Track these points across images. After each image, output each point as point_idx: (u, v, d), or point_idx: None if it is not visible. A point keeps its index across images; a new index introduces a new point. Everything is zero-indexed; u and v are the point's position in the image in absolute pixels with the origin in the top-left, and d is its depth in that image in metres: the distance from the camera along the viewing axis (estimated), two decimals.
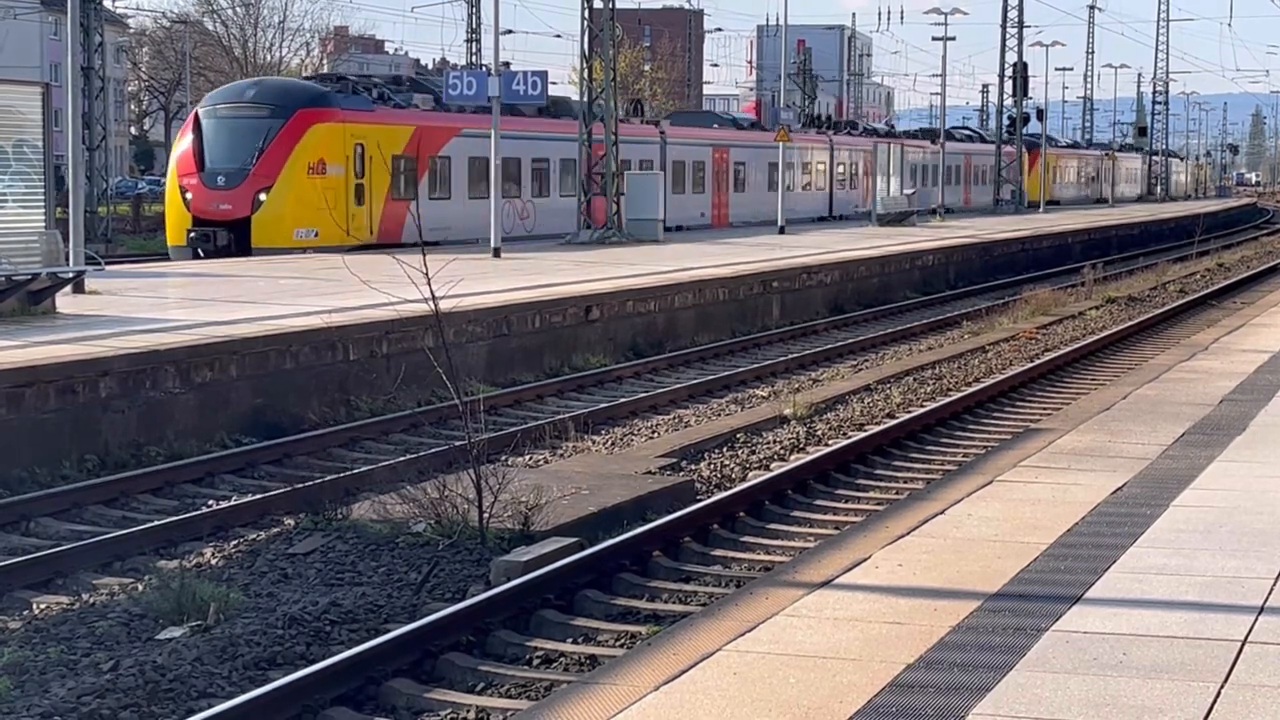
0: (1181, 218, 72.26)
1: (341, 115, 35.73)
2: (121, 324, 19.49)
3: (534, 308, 23.50)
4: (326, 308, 20.73)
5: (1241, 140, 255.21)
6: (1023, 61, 76.93)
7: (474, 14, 76.52)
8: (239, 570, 11.95)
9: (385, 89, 39.48)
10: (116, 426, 16.52)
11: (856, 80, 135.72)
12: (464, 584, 11.30)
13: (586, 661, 9.66)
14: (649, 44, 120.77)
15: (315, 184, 34.82)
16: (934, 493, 11.21)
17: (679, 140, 51.10)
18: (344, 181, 35.51)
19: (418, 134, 37.82)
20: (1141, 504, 10.37)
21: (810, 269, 33.23)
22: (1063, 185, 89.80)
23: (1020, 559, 8.91)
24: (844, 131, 68.25)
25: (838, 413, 19.05)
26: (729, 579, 11.71)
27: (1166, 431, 13.26)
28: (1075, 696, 6.62)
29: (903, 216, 55.79)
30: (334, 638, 10.18)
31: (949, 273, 41.80)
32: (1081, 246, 54.38)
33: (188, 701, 9.02)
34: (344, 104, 36.22)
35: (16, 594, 11.71)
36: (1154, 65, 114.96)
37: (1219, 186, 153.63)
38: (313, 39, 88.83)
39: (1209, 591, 8.26)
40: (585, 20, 41.37)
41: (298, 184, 34.59)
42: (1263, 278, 43.25)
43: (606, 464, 15.53)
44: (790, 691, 6.73)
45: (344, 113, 35.89)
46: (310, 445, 17.43)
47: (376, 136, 36.27)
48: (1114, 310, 32.52)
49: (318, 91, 36.74)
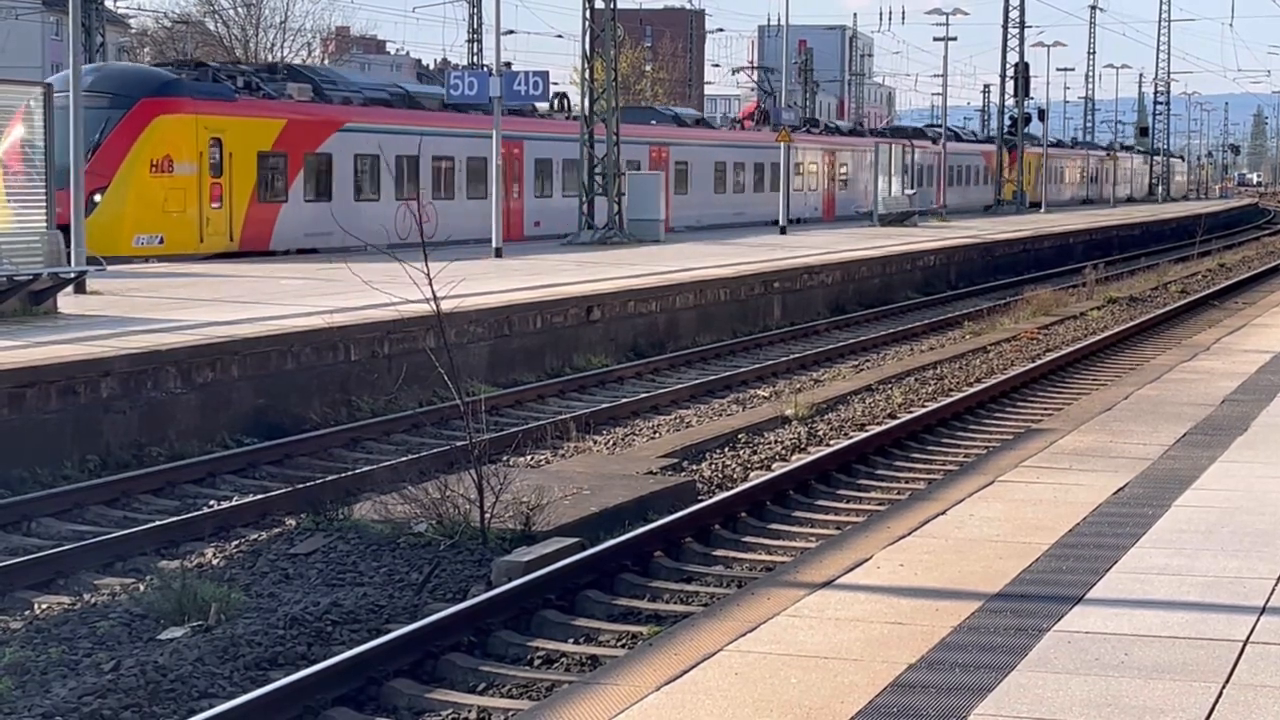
0: (1183, 218, 72.22)
1: (193, 106, 31.98)
2: (123, 324, 19.50)
3: (535, 308, 23.50)
4: (328, 308, 20.74)
5: (1243, 141, 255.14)
6: (1024, 62, 76.93)
7: (475, 14, 76.54)
8: (240, 570, 11.95)
9: (254, 77, 35.73)
10: (118, 427, 16.53)
11: (858, 80, 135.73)
12: (465, 584, 11.30)
13: (588, 662, 9.66)
14: (650, 44, 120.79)
15: (160, 184, 31.28)
16: (935, 493, 11.21)
17: (602, 139, 46.93)
18: (195, 181, 31.90)
19: (290, 128, 34.36)
20: (1143, 504, 10.37)
21: (811, 269, 33.23)
22: (1054, 186, 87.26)
23: (1022, 559, 8.90)
24: (802, 129, 63.45)
25: (839, 413, 19.05)
26: (730, 579, 11.71)
27: (1168, 432, 13.26)
28: (1077, 697, 6.61)
29: (904, 216, 55.74)
30: (335, 638, 10.18)
31: (950, 273, 41.80)
32: (1083, 247, 54.38)
33: (189, 702, 9.02)
34: (197, 93, 32.47)
35: (18, 594, 11.72)
36: (1155, 65, 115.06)
37: (1221, 188, 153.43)
38: (314, 39, 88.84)
39: (1211, 592, 8.25)
40: (587, 21, 41.36)
41: (138, 183, 31.02)
42: (1264, 278, 43.24)
43: (608, 464, 15.53)
44: (792, 692, 6.72)
45: (196, 103, 32.10)
46: (312, 445, 17.44)
47: (238, 130, 32.75)
48: (1115, 310, 32.51)
49: (165, 79, 32.82)
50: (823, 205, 61.44)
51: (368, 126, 35.71)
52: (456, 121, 39.84)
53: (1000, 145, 76.81)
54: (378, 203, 36.18)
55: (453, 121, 39.79)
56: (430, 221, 35.66)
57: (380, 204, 36.30)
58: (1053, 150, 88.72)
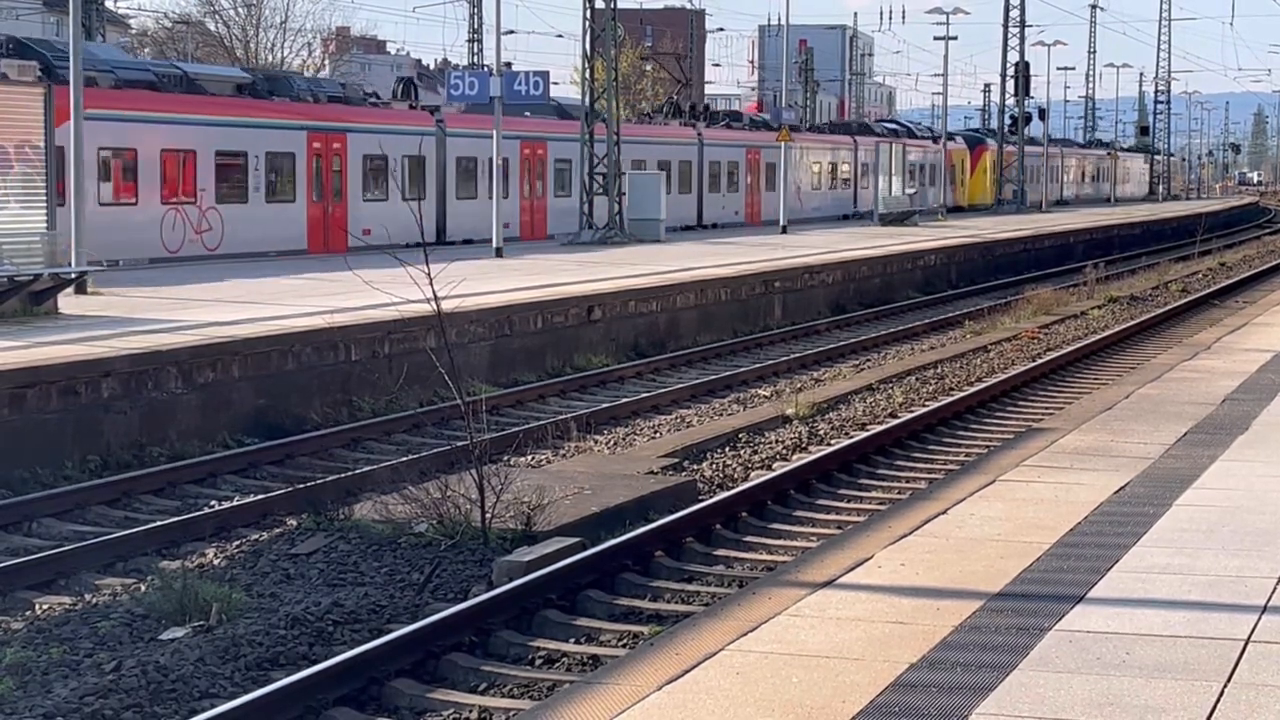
0: (1183, 217, 72.22)
1: None
2: (124, 324, 19.50)
3: (536, 308, 23.50)
4: (329, 308, 20.74)
5: (1244, 140, 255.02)
6: (1024, 61, 76.94)
7: (476, 14, 76.56)
8: (241, 570, 11.95)
9: None
10: (119, 427, 16.53)
11: (858, 80, 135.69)
12: (466, 584, 11.30)
13: (589, 661, 9.66)
14: (650, 44, 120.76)
15: None
16: (936, 492, 11.21)
17: (466, 131, 40.28)
18: None
19: None
20: (1144, 503, 10.37)
21: (812, 269, 33.22)
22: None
23: (1023, 558, 8.90)
24: (721, 124, 57.03)
25: (840, 412, 19.04)
26: (731, 579, 11.71)
27: (1169, 431, 13.26)
28: (1078, 696, 6.61)
29: (904, 216, 55.70)
30: (336, 638, 10.18)
31: (951, 272, 41.79)
32: (1083, 246, 54.36)
33: (190, 702, 9.02)
34: None
35: (19, 594, 11.72)
36: (1156, 64, 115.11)
37: (1221, 187, 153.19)
38: (314, 39, 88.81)
39: (1212, 591, 8.25)
40: (587, 20, 41.36)
41: None
42: (1264, 277, 43.23)
43: (609, 464, 15.54)
44: (793, 691, 6.72)
45: None
46: (312, 445, 17.44)
47: None
48: (1116, 310, 32.51)
49: None
50: (745, 209, 55.09)
51: (118, 114, 29.75)
52: (253, 109, 34.41)
53: (944, 143, 76.36)
54: (135, 207, 30.75)
55: (248, 109, 34.32)
56: (210, 231, 32.31)
57: (139, 208, 30.82)
58: (1051, 149, 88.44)
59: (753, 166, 55.22)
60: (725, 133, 55.67)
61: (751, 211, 55.11)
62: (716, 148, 53.32)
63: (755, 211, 55.09)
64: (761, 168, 55.45)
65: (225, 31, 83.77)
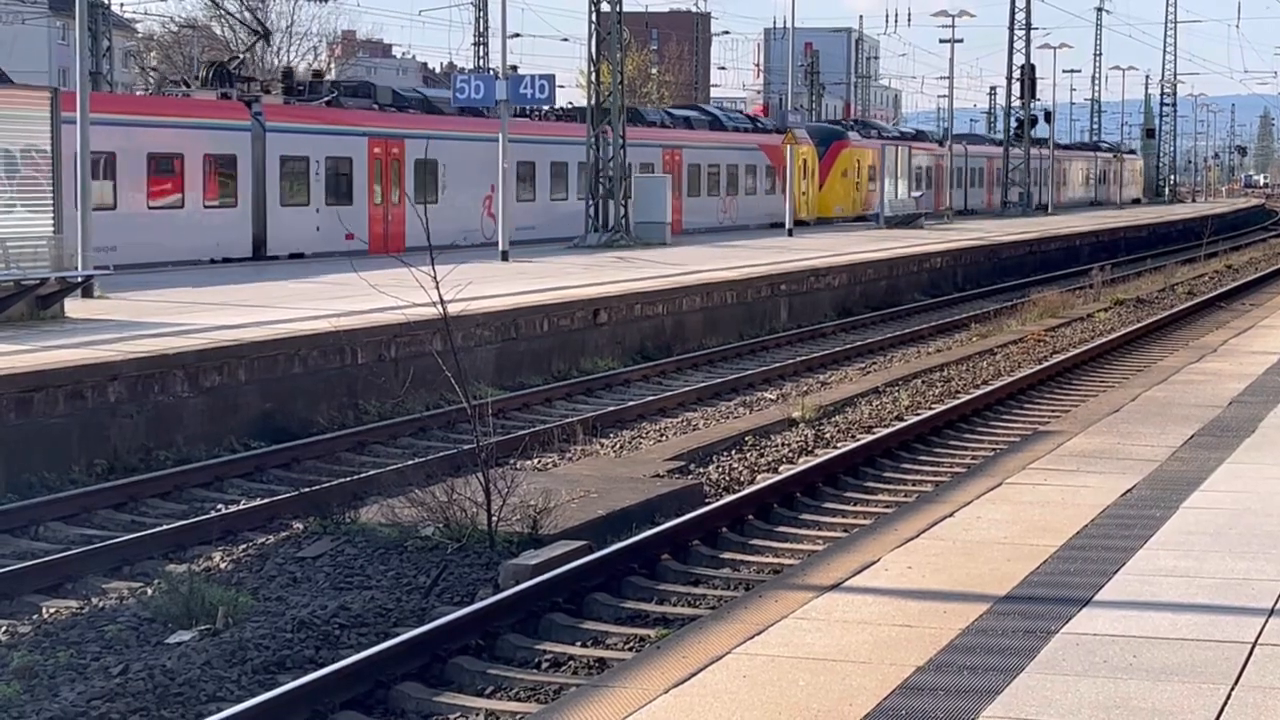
0: (1189, 219, 72.16)
1: None
2: (130, 328, 19.51)
3: (542, 311, 23.50)
4: (334, 312, 20.75)
5: (1250, 142, 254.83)
6: (1030, 64, 76.92)
7: (481, 18, 76.56)
8: (248, 574, 11.95)
9: None
10: (125, 431, 16.54)
11: (864, 83, 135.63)
12: (473, 587, 11.31)
13: (596, 664, 9.66)
14: (656, 47, 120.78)
15: None
16: (943, 495, 11.20)
17: (285, 125, 35.00)
18: None
19: None
20: (1151, 506, 10.36)
21: (818, 272, 33.21)
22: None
23: (1030, 561, 8.90)
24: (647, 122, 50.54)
25: (846, 415, 19.03)
26: (738, 582, 11.71)
27: (1175, 433, 13.25)
28: (1086, 699, 6.61)
29: (910, 219, 55.67)
30: (343, 641, 10.18)
31: (957, 275, 41.76)
32: (1089, 249, 54.32)
33: (197, 705, 9.03)
34: None
35: (26, 598, 11.73)
36: (1162, 67, 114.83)
37: (1227, 190, 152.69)
38: (320, 43, 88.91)
39: (1219, 593, 8.24)
40: (593, 24, 41.37)
41: None
42: (1271, 280, 43.17)
43: (615, 467, 15.54)
44: (800, 694, 6.72)
45: None
46: (319, 449, 17.44)
47: None
48: (1122, 312, 32.48)
49: None
50: None
51: None
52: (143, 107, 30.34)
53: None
54: None
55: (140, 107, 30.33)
56: None
57: None
58: (1059, 152, 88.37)
59: (668, 164, 49.44)
60: (645, 130, 48.79)
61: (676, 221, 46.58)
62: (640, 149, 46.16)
63: (677, 222, 47.98)
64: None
65: (231, 35, 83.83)
